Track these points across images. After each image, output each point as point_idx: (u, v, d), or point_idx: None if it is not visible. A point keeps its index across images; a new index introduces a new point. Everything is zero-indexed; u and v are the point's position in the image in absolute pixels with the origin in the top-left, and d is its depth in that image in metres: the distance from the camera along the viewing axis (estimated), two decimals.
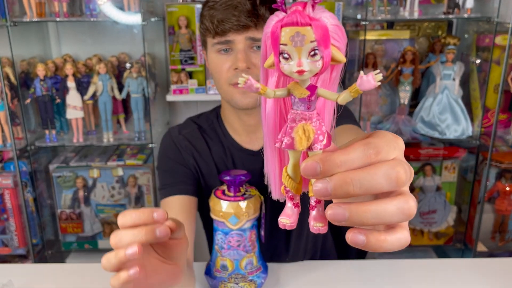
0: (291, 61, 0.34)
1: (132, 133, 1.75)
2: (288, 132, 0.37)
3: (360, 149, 0.37)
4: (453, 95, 1.67)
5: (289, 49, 0.34)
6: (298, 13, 0.33)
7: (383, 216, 0.36)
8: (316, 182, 0.36)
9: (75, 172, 1.77)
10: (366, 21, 1.59)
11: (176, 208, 1.02)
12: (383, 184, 0.36)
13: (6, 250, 1.78)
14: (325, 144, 0.37)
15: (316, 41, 0.33)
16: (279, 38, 0.34)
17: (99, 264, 1.13)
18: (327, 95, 0.37)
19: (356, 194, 0.36)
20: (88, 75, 1.68)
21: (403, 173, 0.36)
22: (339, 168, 0.36)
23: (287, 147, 0.37)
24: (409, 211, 0.37)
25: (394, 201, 0.37)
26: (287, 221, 0.40)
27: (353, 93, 0.36)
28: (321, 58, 0.34)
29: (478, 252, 1.78)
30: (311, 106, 0.37)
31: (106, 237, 1.85)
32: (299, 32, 0.33)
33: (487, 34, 1.63)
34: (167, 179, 1.06)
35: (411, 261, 1.11)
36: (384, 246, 0.37)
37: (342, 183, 0.35)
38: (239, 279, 0.91)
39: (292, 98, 0.37)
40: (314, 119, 0.37)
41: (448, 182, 1.84)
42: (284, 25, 0.34)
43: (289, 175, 0.40)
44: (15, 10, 1.61)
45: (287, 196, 0.41)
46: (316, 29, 0.33)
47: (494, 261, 1.11)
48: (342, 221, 0.36)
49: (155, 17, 1.73)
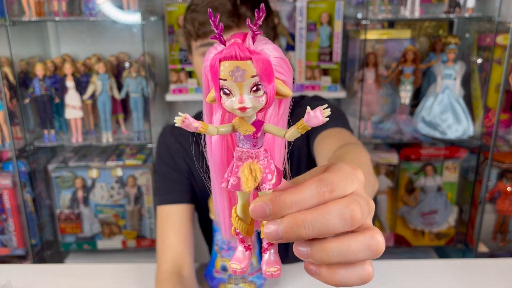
0: (232, 97, 0.32)
1: (131, 133, 1.75)
2: (234, 171, 0.35)
3: (312, 187, 0.34)
4: (454, 95, 1.66)
5: (230, 85, 0.32)
6: (236, 46, 0.31)
7: (346, 253, 0.33)
8: (267, 224, 0.34)
9: (74, 172, 1.76)
10: (367, 20, 1.59)
11: (174, 218, 1.02)
12: (336, 224, 0.33)
13: (5, 250, 1.78)
14: (274, 183, 0.34)
15: (258, 76, 0.31)
16: (218, 73, 0.32)
17: (98, 265, 1.13)
18: (274, 131, 0.35)
19: (308, 236, 0.33)
20: (87, 74, 1.68)
21: (358, 212, 0.34)
22: (290, 209, 0.33)
23: (233, 188, 0.34)
24: (377, 247, 0.34)
25: (360, 237, 0.34)
26: (237, 266, 0.37)
27: (300, 129, 0.34)
28: (264, 93, 0.32)
29: (479, 253, 1.77)
30: (257, 143, 0.34)
31: (105, 237, 1.84)
32: (239, 67, 0.31)
33: (488, 34, 1.63)
34: (163, 185, 1.06)
35: (412, 262, 1.10)
36: (340, 280, 0.35)
37: (293, 225, 0.33)
38: (239, 280, 0.91)
39: (237, 135, 0.35)
40: (262, 157, 0.35)
41: (449, 182, 1.83)
42: (222, 59, 0.31)
43: (239, 216, 0.37)
44: (14, 10, 1.60)
45: (238, 238, 0.38)
46: (257, 63, 0.31)
47: (495, 262, 1.10)
48: (306, 257, 0.35)
49: (155, 17, 1.72)
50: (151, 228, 1.84)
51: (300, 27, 1.67)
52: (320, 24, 1.68)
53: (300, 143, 1.03)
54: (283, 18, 1.70)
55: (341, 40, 1.69)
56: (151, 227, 1.84)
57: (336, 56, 1.70)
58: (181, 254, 0.99)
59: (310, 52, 1.71)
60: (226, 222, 0.41)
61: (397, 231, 1.91)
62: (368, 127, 1.75)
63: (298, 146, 1.04)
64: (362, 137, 1.73)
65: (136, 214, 1.82)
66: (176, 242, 1.00)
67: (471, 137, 1.69)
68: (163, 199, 1.04)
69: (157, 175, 1.10)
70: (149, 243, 1.86)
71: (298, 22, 1.67)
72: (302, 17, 1.66)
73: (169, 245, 1.00)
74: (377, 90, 1.70)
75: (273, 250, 0.37)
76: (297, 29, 1.68)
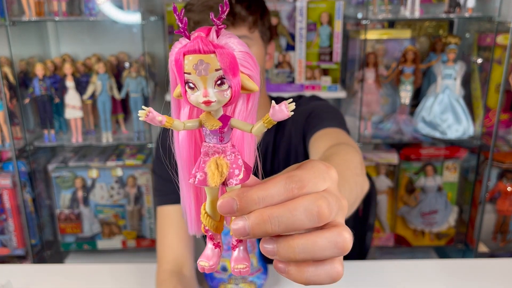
0: (197, 91, 0.33)
1: (131, 133, 1.75)
2: (201, 167, 0.35)
3: (281, 183, 0.34)
4: (454, 95, 1.66)
5: (194, 78, 0.32)
6: (200, 40, 0.31)
7: (313, 250, 0.33)
8: (234, 220, 0.34)
9: (74, 172, 1.76)
10: (367, 20, 1.59)
11: (173, 218, 1.02)
12: (303, 220, 0.33)
13: (5, 250, 1.77)
14: (241, 178, 0.34)
15: (222, 70, 0.32)
16: (183, 67, 0.32)
17: (98, 265, 1.13)
18: (240, 126, 0.35)
19: (275, 232, 0.33)
20: (87, 74, 1.67)
21: (325, 207, 0.33)
22: (257, 205, 0.33)
23: (200, 183, 0.35)
24: (343, 244, 0.34)
25: (326, 234, 0.34)
26: (206, 264, 0.37)
27: (266, 124, 0.34)
28: (229, 87, 0.32)
29: (479, 253, 1.77)
30: (224, 138, 0.35)
31: (105, 237, 1.84)
32: (202, 60, 0.31)
33: (488, 34, 1.63)
34: (161, 185, 1.06)
35: (412, 262, 1.10)
36: (308, 278, 0.35)
37: (259, 221, 0.33)
38: (239, 280, 0.91)
39: (204, 130, 0.35)
40: (229, 152, 0.35)
41: (449, 182, 1.83)
42: (186, 53, 0.32)
43: (207, 213, 0.37)
44: (14, 10, 1.60)
45: (207, 235, 0.38)
46: (221, 57, 0.31)
47: (495, 262, 1.10)
48: (272, 254, 0.34)
49: (155, 16, 1.72)
50: (151, 228, 1.84)
51: (300, 27, 1.67)
52: (320, 24, 1.68)
53: (297, 143, 1.03)
54: (283, 18, 1.70)
55: (341, 40, 1.69)
56: (151, 227, 1.84)
57: (336, 56, 1.70)
58: (181, 254, 0.99)
59: (310, 52, 1.71)
60: (192, 219, 0.41)
61: (397, 231, 1.91)
62: (368, 127, 1.75)
63: (295, 145, 1.04)
64: (362, 137, 1.73)
65: (136, 214, 1.82)
66: (176, 242, 1.00)
67: (471, 137, 1.69)
68: (162, 199, 1.04)
69: (155, 176, 1.10)
70: (149, 243, 1.86)
71: (298, 22, 1.67)
72: (302, 17, 1.66)
73: (169, 245, 1.00)
74: (377, 90, 1.70)
75: (242, 247, 0.37)
76: (297, 29, 1.68)
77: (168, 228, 1.02)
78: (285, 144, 1.05)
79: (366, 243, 1.27)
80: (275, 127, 1.06)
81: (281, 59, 1.72)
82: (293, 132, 1.04)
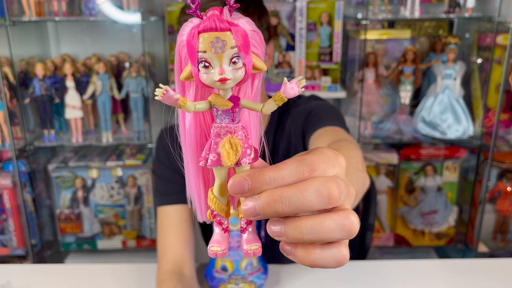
0: (211, 70, 0.32)
1: (131, 133, 1.75)
2: (213, 148, 0.35)
3: (292, 166, 0.34)
4: (454, 95, 1.66)
5: (209, 56, 0.32)
6: (216, 18, 0.31)
7: (320, 231, 0.34)
8: (245, 200, 0.34)
9: (74, 172, 1.76)
10: (367, 20, 1.59)
11: (173, 219, 1.02)
12: (313, 201, 0.33)
13: (5, 250, 1.77)
14: (253, 158, 0.35)
15: (237, 47, 0.32)
16: (197, 46, 0.32)
17: (98, 265, 1.13)
18: (250, 106, 0.35)
19: (285, 212, 0.33)
20: (87, 74, 1.67)
21: (335, 189, 0.34)
22: (268, 185, 0.34)
23: (213, 164, 0.34)
24: (351, 227, 0.34)
25: (334, 216, 0.34)
26: (218, 248, 0.37)
27: (278, 101, 0.34)
28: (243, 65, 0.32)
29: (479, 253, 1.77)
30: (235, 118, 0.35)
31: (105, 237, 1.84)
32: (219, 38, 0.31)
33: (488, 34, 1.63)
34: (161, 186, 1.07)
35: (412, 262, 1.10)
36: (315, 260, 0.35)
37: (270, 201, 0.33)
38: (239, 280, 0.91)
39: (214, 111, 0.35)
40: (240, 132, 0.35)
41: (449, 182, 1.83)
42: (201, 31, 0.32)
43: (216, 197, 0.37)
44: (14, 10, 1.60)
45: (215, 221, 0.38)
46: (236, 35, 0.32)
47: (495, 262, 1.10)
48: (279, 236, 0.35)
49: (155, 17, 1.72)
50: (151, 228, 1.84)
51: (300, 27, 1.67)
52: (320, 24, 1.68)
53: (296, 141, 1.03)
54: (283, 18, 1.70)
55: (341, 40, 1.69)
56: (151, 227, 1.84)
57: (336, 56, 1.70)
58: (181, 254, 0.99)
59: (310, 52, 1.71)
60: (201, 205, 0.41)
61: (397, 231, 1.91)
62: (368, 127, 1.75)
63: (295, 144, 1.04)
64: (362, 137, 1.73)
65: (136, 214, 1.82)
66: (176, 242, 1.00)
67: (471, 137, 1.69)
68: (161, 200, 1.05)
69: (155, 177, 1.10)
70: (149, 243, 1.86)
71: (298, 22, 1.67)
72: (302, 17, 1.66)
73: (169, 245, 1.00)
74: (377, 90, 1.70)
75: (251, 229, 0.37)
76: (297, 29, 1.68)
77: (168, 228, 1.02)
78: (284, 143, 1.05)
79: (366, 243, 1.27)
80: (274, 126, 1.06)
81: (281, 59, 1.72)
82: (293, 131, 1.04)
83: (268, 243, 1.10)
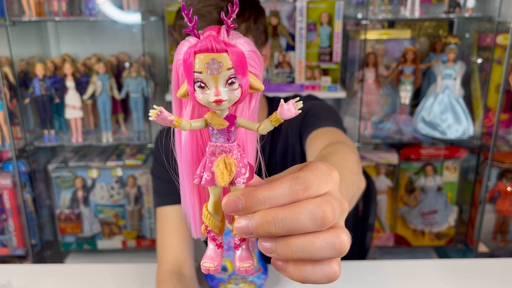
0: (207, 90, 0.32)
1: (131, 133, 1.75)
2: (207, 166, 0.34)
3: (286, 185, 0.34)
4: (454, 95, 1.66)
5: (205, 77, 0.32)
6: (212, 38, 0.31)
7: (310, 250, 0.34)
8: (238, 218, 0.34)
9: (74, 172, 1.76)
10: (367, 20, 1.59)
11: (172, 219, 1.02)
12: (307, 224, 0.33)
13: (5, 250, 1.77)
14: (247, 177, 0.35)
15: (233, 68, 0.31)
16: (193, 66, 0.32)
17: (98, 265, 1.13)
18: (247, 125, 0.35)
19: (278, 234, 0.33)
20: (87, 74, 1.67)
21: (329, 213, 0.34)
22: (262, 205, 0.34)
23: (207, 183, 0.34)
24: (341, 246, 0.34)
25: (325, 235, 0.34)
26: (211, 265, 0.37)
27: (274, 122, 0.34)
28: (239, 86, 0.32)
29: (479, 253, 1.77)
30: (231, 137, 0.34)
31: (105, 237, 1.84)
32: (215, 59, 0.31)
33: (488, 34, 1.63)
34: (160, 187, 1.07)
35: (412, 262, 1.10)
36: (305, 276, 0.35)
37: (263, 222, 0.33)
38: (239, 280, 0.91)
39: (210, 130, 0.34)
40: (235, 151, 0.34)
41: (449, 182, 1.83)
42: (197, 52, 0.31)
43: (210, 213, 0.37)
44: (14, 10, 1.60)
45: (209, 236, 0.37)
46: (232, 56, 0.31)
47: (495, 262, 1.10)
48: (270, 252, 0.35)
49: (155, 17, 1.72)
50: (151, 228, 1.84)
51: (300, 27, 1.67)
52: (320, 24, 1.68)
53: (294, 142, 1.03)
54: (283, 18, 1.70)
55: (341, 40, 1.69)
56: (151, 227, 1.84)
57: (336, 56, 1.70)
58: (181, 254, 0.99)
59: (310, 52, 1.71)
60: (196, 220, 0.40)
61: (397, 231, 1.91)
62: (368, 127, 1.75)
63: (292, 145, 1.04)
64: (362, 137, 1.73)
65: (136, 214, 1.82)
66: (176, 242, 1.00)
67: (471, 137, 1.69)
68: (160, 200, 1.05)
69: (154, 178, 1.10)
70: (149, 243, 1.86)
71: (298, 22, 1.67)
72: (302, 17, 1.66)
73: (168, 245, 1.00)
74: (377, 90, 1.70)
75: (244, 246, 0.37)
76: (297, 29, 1.68)
77: (167, 228, 1.02)
78: (282, 144, 1.05)
79: (366, 243, 1.27)
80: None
81: (281, 59, 1.72)
82: (290, 132, 1.04)
83: None
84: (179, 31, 0.92)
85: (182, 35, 0.91)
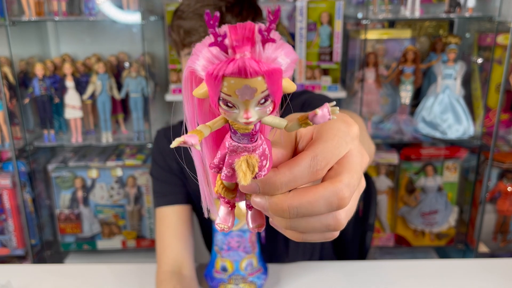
0: (235, 110, 0.29)
1: (131, 133, 1.74)
2: (228, 162, 0.32)
3: (305, 165, 0.33)
4: (454, 95, 1.66)
5: (234, 101, 0.28)
6: (247, 63, 0.26)
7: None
8: (255, 196, 0.34)
9: (73, 172, 1.76)
10: (367, 20, 1.58)
11: (171, 219, 1.02)
12: (322, 210, 0.33)
13: (5, 250, 1.77)
14: (268, 167, 0.33)
15: (268, 89, 0.28)
16: (220, 87, 0.27)
17: (98, 265, 1.13)
18: (273, 124, 0.33)
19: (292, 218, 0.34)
20: (87, 74, 1.67)
21: (346, 199, 0.33)
22: (279, 190, 0.33)
23: (228, 179, 0.33)
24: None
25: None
26: (225, 226, 0.37)
27: (303, 125, 0.33)
28: (271, 102, 0.29)
29: (479, 253, 1.77)
30: (255, 138, 0.32)
31: (105, 237, 1.84)
32: (248, 85, 0.27)
33: (488, 34, 1.63)
34: (158, 187, 1.07)
35: (412, 262, 1.10)
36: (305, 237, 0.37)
37: (278, 209, 0.33)
38: (239, 280, 0.90)
39: (232, 130, 0.32)
40: (258, 150, 0.32)
41: (449, 182, 1.83)
42: (227, 75, 0.26)
43: (224, 184, 0.36)
44: (13, 9, 1.60)
45: (222, 200, 0.37)
46: (269, 79, 0.27)
47: (495, 262, 1.10)
48: (263, 210, 0.35)
49: (155, 16, 1.72)
50: (151, 228, 1.84)
51: (300, 27, 1.67)
52: (320, 24, 1.68)
53: None
54: (283, 18, 1.70)
55: (341, 40, 1.68)
56: (151, 227, 1.84)
57: (336, 56, 1.70)
58: (180, 254, 0.99)
59: (310, 52, 1.71)
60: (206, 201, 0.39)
61: (398, 231, 1.90)
62: (368, 127, 1.75)
63: None
64: None
65: (136, 214, 1.82)
66: (175, 242, 1.00)
67: (472, 137, 1.69)
68: (159, 201, 1.05)
69: (152, 178, 1.10)
70: (149, 243, 1.86)
71: (298, 22, 1.67)
72: (302, 17, 1.66)
73: (168, 246, 1.00)
74: (377, 90, 1.70)
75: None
76: (297, 29, 1.68)
77: (166, 229, 1.02)
78: None
79: (366, 243, 1.27)
80: None
81: None
82: None
83: (267, 243, 1.10)
84: (177, 31, 0.92)
85: (180, 36, 0.91)
